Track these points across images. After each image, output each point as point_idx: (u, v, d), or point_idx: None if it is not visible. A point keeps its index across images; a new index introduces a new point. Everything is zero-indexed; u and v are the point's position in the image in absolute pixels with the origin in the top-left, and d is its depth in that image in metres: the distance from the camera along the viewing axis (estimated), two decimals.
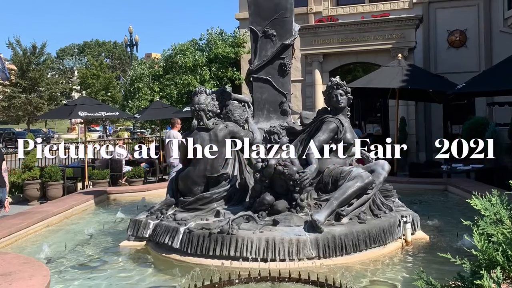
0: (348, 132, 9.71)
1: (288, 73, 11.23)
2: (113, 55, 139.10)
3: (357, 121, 30.18)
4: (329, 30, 28.21)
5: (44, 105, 64.42)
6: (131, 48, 47.73)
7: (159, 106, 27.78)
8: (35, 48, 64.25)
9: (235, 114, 10.25)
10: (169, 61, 34.73)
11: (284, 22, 11.00)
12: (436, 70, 28.04)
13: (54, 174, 21.03)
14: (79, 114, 21.98)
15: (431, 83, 20.77)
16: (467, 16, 29.24)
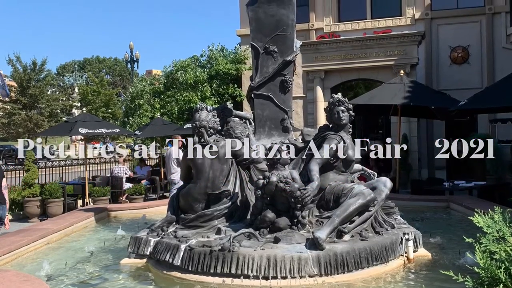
0: (350, 149, 9.67)
1: (289, 90, 11.20)
2: (113, 71, 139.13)
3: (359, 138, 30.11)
4: (330, 47, 28.21)
5: (44, 122, 64.33)
6: (131, 65, 47.72)
7: (160, 123, 27.75)
8: (35, 65, 64.23)
9: (236, 131, 10.22)
10: (170, 77, 34.72)
11: (285, 38, 10.98)
12: (438, 87, 28.01)
13: (55, 191, 20.96)
14: (79, 131, 21.95)
15: (433, 100, 20.74)
16: (469, 32, 29.23)
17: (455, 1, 29.82)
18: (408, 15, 30.02)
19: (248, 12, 11.13)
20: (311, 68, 28.59)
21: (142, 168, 28.89)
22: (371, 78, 28.25)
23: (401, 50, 26.75)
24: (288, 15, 10.92)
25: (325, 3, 31.34)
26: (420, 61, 27.99)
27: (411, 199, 17.13)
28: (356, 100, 20.63)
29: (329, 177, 9.53)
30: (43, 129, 60.04)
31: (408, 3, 30.05)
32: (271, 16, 10.97)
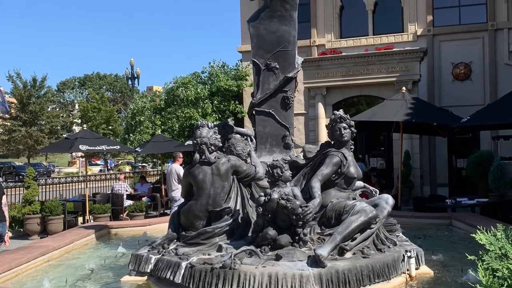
0: (352, 166, 9.64)
1: (291, 106, 11.18)
2: (114, 88, 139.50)
3: (360, 155, 30.19)
4: (332, 63, 28.24)
5: (44, 139, 64.25)
6: (132, 81, 47.75)
7: (161, 140, 27.75)
8: (35, 81, 64.21)
9: (238, 147, 10.18)
10: (171, 94, 34.73)
11: (287, 55, 10.97)
12: (440, 103, 28.02)
13: (55, 209, 20.94)
14: (80, 147, 21.94)
15: (436, 117, 20.71)
16: (471, 49, 29.30)
17: (457, 18, 29.90)
18: (410, 32, 30.12)
19: (249, 29, 11.12)
20: (313, 84, 28.61)
21: (143, 185, 28.90)
22: (373, 94, 28.27)
23: (403, 67, 26.76)
24: (290, 32, 10.92)
25: (327, 20, 31.42)
26: (422, 78, 27.99)
27: (413, 216, 17.05)
28: (358, 116, 20.62)
29: (330, 194, 9.49)
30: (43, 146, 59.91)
31: (410, 20, 30.15)
32: (273, 32, 10.96)
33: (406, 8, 30.48)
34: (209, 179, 9.35)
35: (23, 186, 23.28)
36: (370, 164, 30.99)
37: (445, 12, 30.21)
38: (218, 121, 28.85)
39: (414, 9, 30.26)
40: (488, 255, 5.02)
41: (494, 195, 20.46)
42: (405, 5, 30.47)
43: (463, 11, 30.00)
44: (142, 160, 48.89)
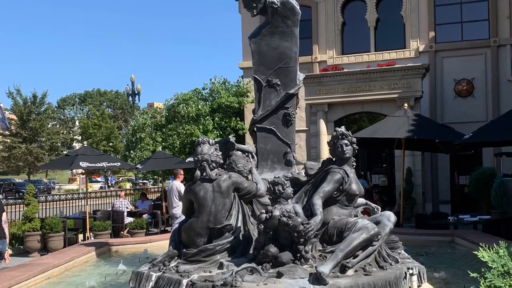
0: (354, 183, 9.59)
1: (292, 123, 11.13)
2: (114, 104, 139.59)
3: (362, 172, 30.16)
4: (334, 79, 28.32)
5: (44, 156, 64.17)
6: (133, 98, 47.85)
7: (162, 157, 27.76)
8: (35, 98, 64.20)
9: (239, 164, 10.14)
10: (172, 110, 34.75)
11: (288, 71, 10.92)
12: (442, 120, 28.03)
13: (55, 226, 20.92)
14: (80, 164, 21.95)
15: (438, 133, 20.71)
16: (474, 65, 29.32)
17: (459, 34, 29.95)
18: (412, 48, 30.15)
19: (250, 45, 11.08)
20: (314, 101, 28.67)
21: (143, 202, 28.89)
22: (375, 111, 28.31)
23: (405, 83, 26.81)
24: (291, 48, 10.88)
25: (329, 36, 31.51)
26: (424, 94, 28.05)
27: (415, 233, 17.04)
28: (360, 133, 20.62)
29: (332, 211, 9.43)
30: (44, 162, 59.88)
31: (412, 36, 30.19)
32: (274, 48, 10.92)
33: (408, 24, 30.56)
34: (210, 196, 9.30)
35: (23, 203, 23.26)
36: (372, 181, 31.01)
37: (447, 28, 30.28)
38: (219, 138, 28.81)
39: (416, 25, 30.33)
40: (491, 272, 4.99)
41: (496, 212, 20.44)
42: (407, 21, 30.56)
43: (465, 27, 30.06)
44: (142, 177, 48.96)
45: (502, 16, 29.10)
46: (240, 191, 9.59)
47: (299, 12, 10.57)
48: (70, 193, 40.43)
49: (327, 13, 31.68)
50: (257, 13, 10.72)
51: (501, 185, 20.50)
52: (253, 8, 10.64)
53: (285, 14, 10.53)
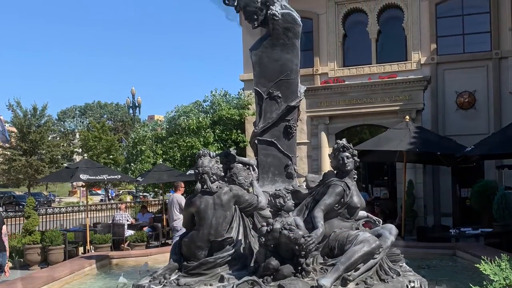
0: (355, 196, 9.55)
1: (293, 136, 11.09)
2: (115, 117, 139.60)
3: (364, 184, 30.10)
4: (335, 92, 28.29)
5: (45, 168, 64.10)
6: (133, 110, 47.89)
7: (162, 169, 27.75)
8: (35, 110, 64.19)
9: (240, 177, 10.11)
10: (172, 123, 34.74)
11: (289, 83, 10.89)
12: (444, 132, 27.97)
13: (55, 239, 20.88)
14: (80, 177, 21.93)
15: (439, 146, 20.71)
16: (476, 77, 29.25)
17: (461, 46, 29.92)
18: (414, 60, 30.10)
19: (251, 57, 11.06)
20: (316, 113, 28.65)
21: (144, 215, 28.87)
22: (376, 123, 28.26)
23: (406, 95, 26.78)
24: (292, 60, 10.85)
25: (330, 48, 31.48)
26: (426, 107, 27.99)
27: (417, 246, 17.01)
28: (361, 146, 20.63)
29: (333, 224, 9.39)
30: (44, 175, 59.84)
31: (414, 48, 30.15)
32: (275, 60, 10.89)
33: (409, 36, 30.52)
34: (211, 209, 9.26)
35: (23, 216, 23.23)
36: (373, 194, 30.96)
37: (449, 41, 30.25)
38: (220, 150, 28.76)
39: (418, 38, 30.30)
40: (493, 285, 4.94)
41: (498, 225, 20.38)
42: (409, 33, 30.53)
43: (467, 39, 30.02)
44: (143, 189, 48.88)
45: (504, 28, 29.02)
46: (241, 204, 9.55)
47: (300, 24, 10.55)
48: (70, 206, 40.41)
49: (328, 25, 31.67)
50: (258, 25, 10.71)
51: (503, 198, 20.46)
52: (254, 20, 10.63)
53: (286, 26, 10.51)
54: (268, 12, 10.36)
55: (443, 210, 29.00)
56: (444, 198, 29.27)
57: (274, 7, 10.34)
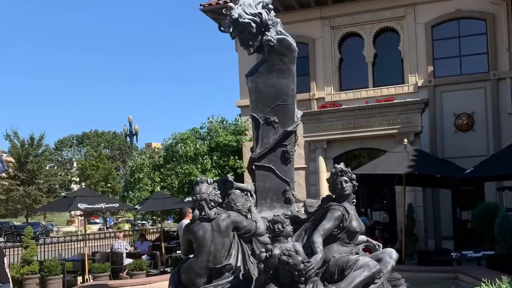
0: (354, 220, 9.49)
1: (291, 161, 11.05)
2: (112, 145, 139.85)
3: (363, 209, 30.02)
4: (332, 116, 28.27)
5: (43, 198, 64.29)
6: (131, 138, 47.86)
7: (160, 197, 27.68)
8: (33, 140, 64.53)
9: (238, 203, 10.04)
10: (170, 150, 34.76)
11: (286, 108, 10.86)
12: (443, 155, 27.96)
13: (54, 268, 20.81)
14: (78, 206, 21.91)
15: (439, 168, 20.67)
16: (474, 99, 29.27)
17: (458, 68, 29.98)
18: (411, 83, 30.16)
19: (247, 83, 11.03)
20: (313, 138, 28.62)
21: (142, 243, 28.76)
22: (375, 147, 28.26)
23: (404, 118, 26.75)
24: (289, 85, 10.82)
25: (326, 72, 31.53)
26: (424, 129, 27.98)
27: (418, 270, 16.86)
28: (360, 170, 20.56)
29: (333, 249, 9.32)
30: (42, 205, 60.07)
31: (411, 71, 30.21)
32: (271, 86, 10.86)
33: (406, 59, 30.60)
34: (209, 235, 9.19)
35: (21, 245, 23.16)
36: (373, 218, 30.87)
37: (446, 63, 30.30)
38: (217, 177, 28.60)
39: (415, 60, 30.34)
40: None
41: (500, 247, 20.30)
42: (405, 56, 30.61)
43: (464, 61, 30.07)
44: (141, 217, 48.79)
45: (501, 49, 29.07)
46: (240, 230, 9.49)
47: (296, 49, 10.53)
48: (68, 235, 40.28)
49: (324, 49, 31.75)
50: (254, 51, 10.69)
51: (505, 220, 20.40)
52: (250, 46, 10.61)
53: (282, 52, 10.49)
54: (263, 38, 10.34)
55: (444, 233, 28.90)
56: (444, 221, 29.17)
57: (270, 32, 10.33)
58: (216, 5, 31.72)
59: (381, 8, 30.96)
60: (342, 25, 31.81)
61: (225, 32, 10.43)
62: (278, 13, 24.58)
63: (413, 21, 30.47)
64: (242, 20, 10.06)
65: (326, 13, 31.89)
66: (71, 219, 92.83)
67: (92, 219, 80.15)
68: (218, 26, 10.73)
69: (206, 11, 32.81)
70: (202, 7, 32.55)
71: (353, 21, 31.56)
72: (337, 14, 31.78)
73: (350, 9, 31.49)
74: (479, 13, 29.71)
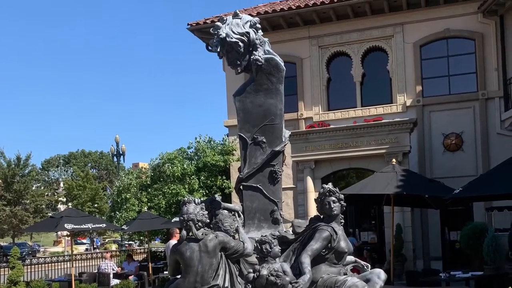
0: (342, 240, 9.44)
1: (279, 181, 10.98)
2: (99, 165, 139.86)
3: (351, 229, 29.99)
4: (320, 136, 28.25)
5: (29, 218, 64.06)
6: (117, 158, 47.86)
7: (147, 217, 27.62)
8: (19, 160, 64.42)
9: (225, 223, 9.98)
10: (157, 170, 34.70)
11: (274, 128, 10.82)
12: (432, 175, 27.92)
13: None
14: (65, 226, 21.83)
15: (427, 188, 20.67)
16: (462, 118, 29.27)
17: (447, 87, 30.03)
18: (399, 102, 30.17)
19: (235, 103, 10.99)
20: (301, 158, 28.58)
21: (129, 264, 28.66)
22: (363, 167, 28.25)
23: (392, 138, 26.75)
24: (276, 105, 10.79)
25: (314, 92, 31.55)
26: (413, 149, 27.97)
27: None
28: (348, 190, 20.57)
29: (321, 270, 9.27)
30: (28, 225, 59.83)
31: (399, 90, 30.24)
32: (259, 106, 10.82)
33: (394, 78, 30.63)
34: (197, 256, 9.12)
35: (8, 266, 23.03)
36: (361, 238, 30.82)
37: (434, 82, 30.33)
38: (205, 197, 28.61)
39: (403, 80, 30.36)
40: None
41: (489, 268, 20.30)
42: (394, 75, 30.63)
43: (452, 81, 30.10)
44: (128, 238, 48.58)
45: (490, 69, 29.09)
46: (227, 251, 9.42)
47: (283, 69, 10.50)
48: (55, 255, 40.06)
49: (312, 69, 31.77)
50: (241, 71, 10.65)
51: (494, 240, 20.43)
52: (237, 66, 10.57)
53: (269, 71, 10.45)
54: (251, 57, 10.31)
55: (432, 254, 28.85)
56: (433, 241, 29.13)
57: (257, 52, 10.29)
58: (203, 24, 31.79)
59: (369, 28, 31.07)
60: (330, 44, 31.86)
61: (213, 52, 10.39)
62: (266, 33, 24.67)
63: (402, 40, 30.53)
64: (230, 40, 10.02)
65: (314, 32, 31.96)
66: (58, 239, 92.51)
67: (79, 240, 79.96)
68: (206, 45, 10.70)
69: (193, 30, 32.87)
70: (190, 26, 32.60)
71: (341, 41, 31.63)
72: (325, 33, 31.84)
73: (338, 28, 31.58)
74: (467, 32, 29.78)
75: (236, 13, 10.16)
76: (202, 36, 32.44)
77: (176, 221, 22.55)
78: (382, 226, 28.64)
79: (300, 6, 30.73)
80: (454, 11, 29.78)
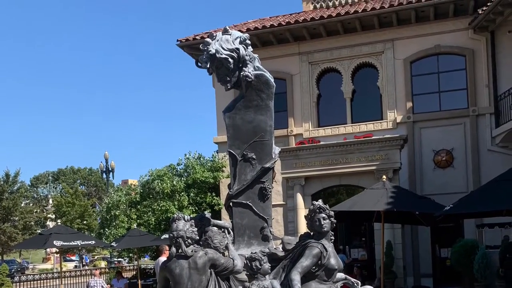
0: (332, 257, 9.39)
1: (268, 198, 10.94)
2: (88, 182, 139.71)
3: (341, 246, 29.96)
4: (310, 152, 28.24)
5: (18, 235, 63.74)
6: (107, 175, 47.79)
7: (137, 234, 27.54)
8: (8, 177, 64.18)
9: (215, 240, 9.91)
10: (146, 187, 34.62)
11: (263, 145, 10.78)
12: (422, 192, 27.92)
13: None
14: (54, 243, 21.74)
15: (418, 205, 20.65)
16: (453, 135, 29.31)
17: (437, 104, 30.06)
18: (390, 119, 30.18)
19: (224, 119, 10.95)
20: (291, 174, 28.55)
21: (119, 281, 28.46)
22: (353, 184, 28.25)
23: (383, 155, 26.77)
24: (266, 121, 10.75)
25: (304, 108, 31.58)
26: (403, 166, 27.94)
27: None
28: (338, 206, 20.53)
29: (311, 287, 9.23)
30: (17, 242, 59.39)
31: (389, 107, 30.25)
32: (249, 122, 10.78)
33: (384, 95, 30.66)
34: (186, 273, 9.06)
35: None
36: (351, 255, 30.77)
37: (425, 98, 30.34)
38: (194, 214, 28.61)
39: (393, 96, 30.39)
40: None
41: (479, 285, 20.32)
42: (384, 92, 30.67)
43: (443, 97, 30.12)
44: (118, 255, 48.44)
45: (480, 85, 29.13)
46: (217, 268, 9.36)
47: (273, 85, 10.46)
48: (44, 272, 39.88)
49: (302, 85, 31.79)
50: (231, 87, 10.61)
51: (484, 257, 20.45)
52: (227, 82, 10.52)
53: (259, 88, 10.42)
54: (241, 73, 10.27)
55: (423, 271, 28.78)
56: (423, 258, 29.07)
57: (247, 68, 10.26)
58: (193, 41, 31.81)
59: (360, 44, 31.13)
60: (320, 60, 31.91)
61: (202, 68, 10.35)
62: (256, 49, 24.64)
63: (392, 56, 30.60)
64: (220, 56, 9.98)
65: (304, 48, 32.03)
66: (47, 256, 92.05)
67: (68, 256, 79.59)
68: (195, 61, 10.64)
69: (183, 47, 32.89)
70: (179, 42, 32.62)
71: (331, 57, 31.69)
72: (315, 49, 31.90)
73: (328, 44, 31.64)
74: (458, 48, 29.85)
75: (226, 29, 10.13)
76: (192, 52, 32.45)
77: (165, 238, 22.46)
78: (372, 243, 28.62)
79: (290, 22, 30.81)
80: (445, 27, 29.88)
